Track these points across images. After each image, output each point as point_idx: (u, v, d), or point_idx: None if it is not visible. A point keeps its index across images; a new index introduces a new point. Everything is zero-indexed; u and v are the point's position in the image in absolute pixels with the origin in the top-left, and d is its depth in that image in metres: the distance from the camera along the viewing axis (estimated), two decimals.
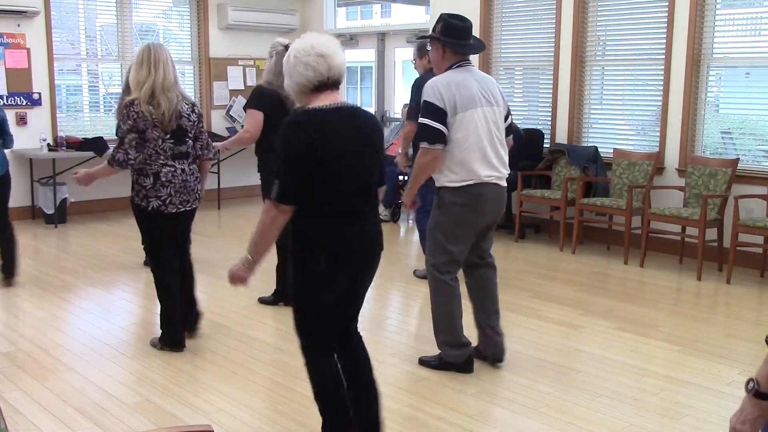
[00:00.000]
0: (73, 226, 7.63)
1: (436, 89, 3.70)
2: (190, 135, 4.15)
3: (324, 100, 2.77)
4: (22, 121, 7.87)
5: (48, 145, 7.76)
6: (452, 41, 3.79)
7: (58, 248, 6.85)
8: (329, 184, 2.72)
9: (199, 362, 4.08)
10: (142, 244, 4.33)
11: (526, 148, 7.31)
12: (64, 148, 7.76)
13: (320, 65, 2.73)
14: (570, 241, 6.86)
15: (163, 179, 4.03)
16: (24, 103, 7.87)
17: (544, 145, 7.49)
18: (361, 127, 2.83)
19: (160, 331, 4.26)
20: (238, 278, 2.80)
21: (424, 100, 3.71)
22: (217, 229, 7.77)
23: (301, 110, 2.77)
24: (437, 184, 3.84)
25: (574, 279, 5.93)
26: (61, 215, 7.79)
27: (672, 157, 6.68)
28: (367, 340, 4.50)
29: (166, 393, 3.66)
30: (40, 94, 7.96)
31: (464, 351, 3.95)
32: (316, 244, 2.78)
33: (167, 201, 4.07)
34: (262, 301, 5.15)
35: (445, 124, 3.68)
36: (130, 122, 3.95)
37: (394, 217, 8.12)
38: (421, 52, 5.81)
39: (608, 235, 6.96)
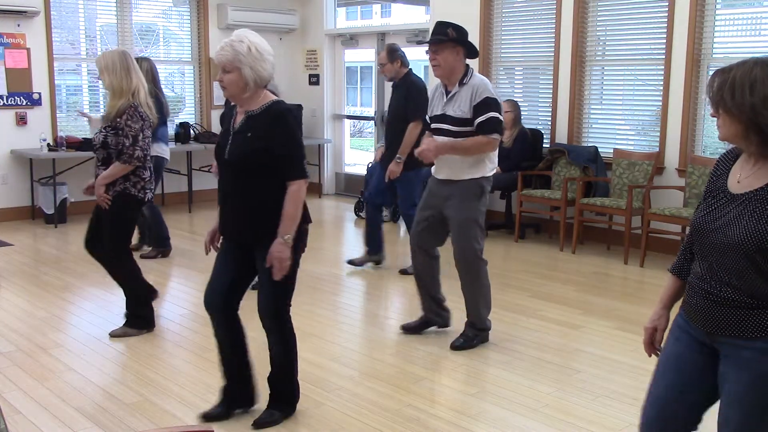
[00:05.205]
0: (73, 226, 7.62)
1: (491, 87, 4.15)
2: None
3: (269, 96, 3.10)
4: (22, 121, 7.87)
5: (48, 145, 7.76)
6: (472, 47, 4.19)
7: (58, 248, 6.85)
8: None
9: (200, 362, 4.08)
10: (111, 239, 4.40)
11: (528, 148, 7.33)
12: (64, 148, 7.77)
13: (273, 67, 3.07)
14: (570, 241, 6.86)
15: (152, 172, 4.49)
16: (24, 103, 7.87)
17: (544, 145, 7.49)
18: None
19: (133, 318, 4.49)
20: (286, 259, 3.04)
21: (490, 97, 4.07)
22: None
23: (282, 102, 3.12)
24: (476, 176, 4.16)
25: (574, 279, 5.93)
26: (61, 215, 7.79)
27: (672, 157, 6.68)
28: (367, 340, 4.53)
29: (166, 393, 3.66)
30: (40, 94, 7.96)
31: None
32: (305, 217, 3.16)
33: (152, 190, 4.53)
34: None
35: None
36: (142, 122, 4.28)
37: (394, 217, 8.12)
38: (392, 56, 5.77)
39: (608, 235, 6.96)
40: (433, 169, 4.37)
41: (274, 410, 3.33)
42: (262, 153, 3.02)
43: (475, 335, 4.34)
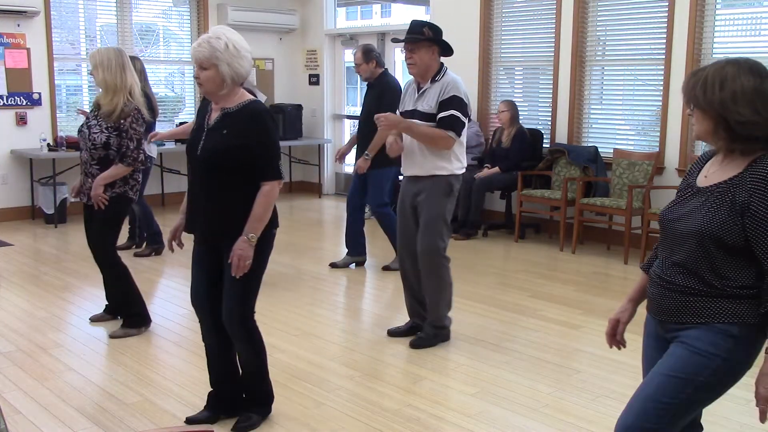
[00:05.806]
0: (73, 226, 7.62)
1: (462, 87, 4.16)
2: None
3: (246, 95, 3.06)
4: (22, 121, 7.87)
5: (48, 145, 7.77)
6: (447, 46, 4.21)
7: (58, 248, 6.85)
8: None
9: (200, 362, 4.07)
10: (104, 239, 4.41)
11: (528, 148, 7.33)
12: (64, 148, 7.76)
13: (250, 64, 3.03)
14: (570, 241, 6.86)
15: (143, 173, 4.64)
16: (24, 103, 7.87)
17: (544, 145, 7.49)
18: None
19: (129, 317, 4.51)
20: (247, 258, 2.99)
21: (457, 96, 4.09)
22: None
23: (260, 102, 3.08)
24: (443, 173, 4.16)
25: (574, 279, 5.93)
26: (61, 215, 7.79)
27: (672, 157, 6.68)
28: (367, 340, 4.53)
29: (166, 393, 3.66)
30: (40, 94, 7.96)
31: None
32: (273, 221, 3.11)
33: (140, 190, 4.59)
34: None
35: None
36: (145, 125, 4.36)
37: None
38: (367, 57, 5.78)
39: (608, 235, 6.96)
40: (402, 167, 4.38)
41: (251, 413, 3.30)
42: (237, 151, 2.96)
43: (435, 334, 4.34)
